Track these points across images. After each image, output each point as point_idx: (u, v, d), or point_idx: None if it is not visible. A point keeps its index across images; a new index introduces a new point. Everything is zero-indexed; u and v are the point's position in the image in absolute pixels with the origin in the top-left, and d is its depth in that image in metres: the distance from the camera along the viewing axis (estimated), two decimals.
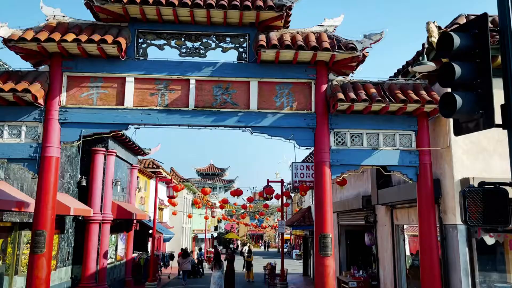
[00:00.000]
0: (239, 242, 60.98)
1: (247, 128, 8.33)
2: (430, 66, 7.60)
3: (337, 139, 8.35)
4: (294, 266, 30.23)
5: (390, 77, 9.06)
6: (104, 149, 16.26)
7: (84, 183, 15.81)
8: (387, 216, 11.34)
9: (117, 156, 17.46)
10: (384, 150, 8.31)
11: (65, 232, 14.79)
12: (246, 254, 22.96)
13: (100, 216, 15.86)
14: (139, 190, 20.93)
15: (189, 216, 32.40)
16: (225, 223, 62.54)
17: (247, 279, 22.02)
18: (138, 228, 20.87)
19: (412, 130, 8.37)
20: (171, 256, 24.43)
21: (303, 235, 24.80)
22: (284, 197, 34.76)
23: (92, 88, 8.27)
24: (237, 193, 18.56)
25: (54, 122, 8.00)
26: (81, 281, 15.18)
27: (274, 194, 17.77)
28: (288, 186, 24.71)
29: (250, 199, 24.98)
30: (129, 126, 8.22)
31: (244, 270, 27.36)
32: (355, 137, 8.40)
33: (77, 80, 8.26)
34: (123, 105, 8.20)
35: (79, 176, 15.92)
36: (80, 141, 8.11)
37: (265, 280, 22.14)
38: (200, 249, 27.32)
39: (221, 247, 54.92)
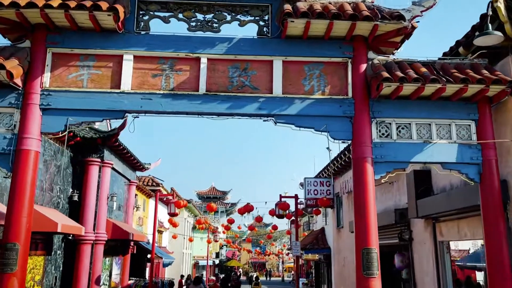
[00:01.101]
0: (241, 270, 58.46)
1: (270, 118, 6.82)
2: (498, 36, 6.18)
3: (380, 131, 6.83)
4: None
5: (439, 58, 7.62)
6: (99, 159, 14.69)
7: (76, 198, 14.15)
8: (427, 231, 9.68)
9: (113, 169, 15.88)
10: (438, 143, 6.77)
11: (53, 253, 13.04)
12: (254, 281, 21.05)
13: (93, 236, 14.15)
14: (137, 209, 19.24)
15: (190, 240, 30.49)
16: (226, 250, 60.25)
17: None
18: (135, 252, 19.04)
19: (472, 119, 6.86)
20: (171, 284, 22.46)
21: (314, 260, 22.91)
22: (291, 218, 33.02)
23: (82, 68, 6.80)
24: (247, 209, 16.77)
25: (34, 108, 6.50)
26: None
27: (286, 213, 16.12)
28: (300, 204, 22.95)
29: (258, 219, 23.17)
30: (126, 114, 6.72)
31: None
32: (402, 128, 6.88)
33: (64, 58, 6.80)
34: (119, 88, 6.72)
35: (71, 190, 14.28)
36: (66, 132, 6.57)
37: None
38: (201, 276, 25.32)
39: (223, 275, 52.45)
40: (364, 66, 6.92)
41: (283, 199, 15.41)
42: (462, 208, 7.68)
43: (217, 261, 49.33)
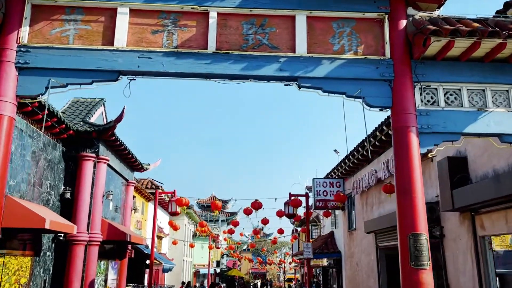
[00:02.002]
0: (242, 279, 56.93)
1: (292, 81, 5.71)
2: None
3: (425, 97, 5.70)
4: None
5: (492, 16, 6.52)
6: (93, 155, 13.54)
7: (68, 196, 12.97)
8: (464, 226, 8.51)
9: (109, 166, 14.73)
10: (495, 112, 5.64)
11: (42, 255, 11.82)
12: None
13: (86, 236, 12.95)
14: (135, 210, 18.04)
15: (191, 246, 29.18)
16: (227, 260, 58.81)
17: None
18: (133, 256, 17.79)
19: None
20: None
21: (322, 266, 21.60)
22: (290, 229, 31.76)
23: (68, 23, 5.69)
24: (255, 207, 15.38)
25: (9, 67, 5.38)
26: None
27: (296, 214, 14.90)
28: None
29: (265, 221, 21.78)
30: (121, 75, 5.60)
31: None
32: (451, 94, 5.75)
33: (46, 10, 5.70)
34: (112, 45, 5.61)
35: (63, 187, 13.11)
36: (47, 96, 5.45)
37: None
38: (201, 284, 24.01)
39: (224, 285, 50.94)
40: (403, 23, 5.83)
41: (293, 197, 14.21)
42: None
43: (218, 270, 47.86)
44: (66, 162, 13.27)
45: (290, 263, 55.70)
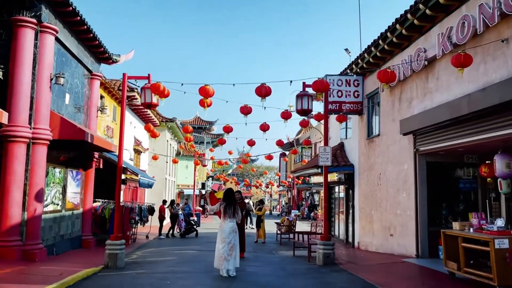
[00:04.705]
0: None
1: None
2: None
3: None
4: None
5: None
6: (33, 20, 9.64)
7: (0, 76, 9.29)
8: None
9: (61, 44, 10.88)
10: None
11: None
12: (257, 205, 16.94)
13: (27, 131, 9.48)
14: (102, 111, 14.43)
15: (174, 161, 26.15)
16: (212, 183, 56.89)
17: (256, 239, 16.12)
18: (101, 167, 14.51)
19: None
20: (151, 210, 18.28)
21: (326, 182, 18.69)
22: (279, 155, 28.83)
23: None
24: (245, 111, 12.02)
25: None
26: None
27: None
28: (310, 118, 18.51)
29: (251, 143, 18.61)
30: None
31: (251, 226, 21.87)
32: None
33: None
34: None
35: None
36: None
37: (280, 241, 16.28)
38: (186, 202, 21.29)
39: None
40: None
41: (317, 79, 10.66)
42: None
43: (203, 192, 45.73)
44: None
45: (278, 185, 54.09)
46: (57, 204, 11.46)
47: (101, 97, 15.63)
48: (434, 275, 8.29)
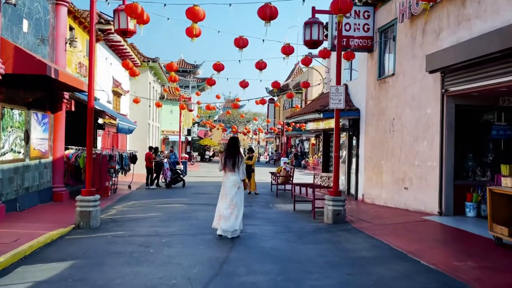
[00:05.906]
0: (213, 149, 54.16)
1: None
2: None
3: None
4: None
5: None
6: None
7: None
8: None
9: None
10: None
11: None
12: (247, 154, 15.41)
13: None
14: (70, 43, 12.30)
15: (158, 105, 24.23)
16: (198, 129, 55.22)
17: (249, 191, 14.72)
18: (73, 109, 12.63)
19: None
20: (133, 157, 16.64)
21: (320, 130, 17.18)
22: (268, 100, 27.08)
23: None
24: (240, 44, 10.24)
25: None
26: None
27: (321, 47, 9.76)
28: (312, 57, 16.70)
29: (244, 84, 16.81)
30: None
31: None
32: None
33: None
34: None
35: None
36: None
37: (277, 192, 14.94)
38: (172, 150, 19.66)
39: (196, 154, 47.83)
40: None
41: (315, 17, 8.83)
42: None
43: (189, 138, 44.13)
44: None
45: (266, 132, 52.70)
46: (19, 152, 9.69)
47: (71, 28, 13.41)
48: (474, 240, 6.96)
